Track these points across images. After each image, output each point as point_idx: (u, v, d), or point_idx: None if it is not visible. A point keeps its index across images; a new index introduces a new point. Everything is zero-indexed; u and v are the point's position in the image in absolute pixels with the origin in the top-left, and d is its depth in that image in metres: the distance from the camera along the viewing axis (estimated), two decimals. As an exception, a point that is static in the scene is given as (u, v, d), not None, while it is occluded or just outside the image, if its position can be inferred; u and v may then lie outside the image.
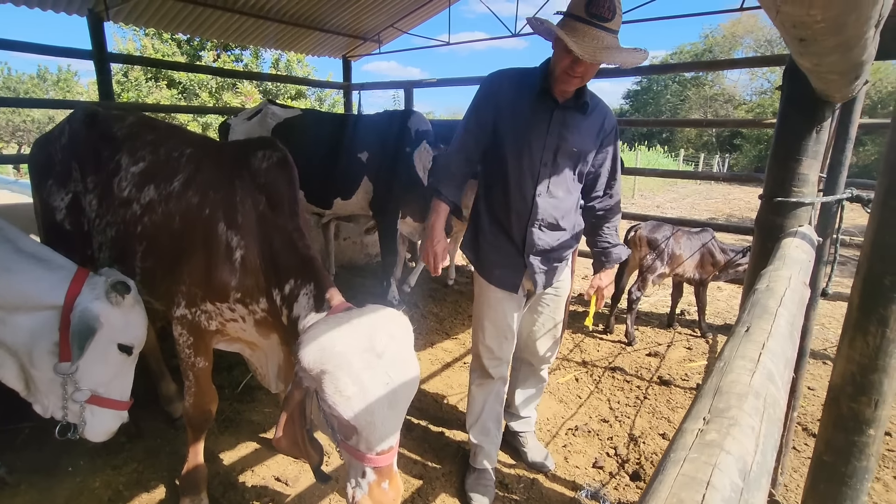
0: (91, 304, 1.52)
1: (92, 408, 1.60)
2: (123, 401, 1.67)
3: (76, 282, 1.56)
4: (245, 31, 5.89)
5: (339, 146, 3.83)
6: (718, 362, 0.65)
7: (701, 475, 0.41)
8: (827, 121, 1.43)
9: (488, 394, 2.09)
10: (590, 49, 1.51)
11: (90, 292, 1.55)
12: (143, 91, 14.27)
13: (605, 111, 1.87)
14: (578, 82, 1.67)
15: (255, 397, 2.75)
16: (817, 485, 1.25)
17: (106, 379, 1.60)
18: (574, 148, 1.79)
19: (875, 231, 1.06)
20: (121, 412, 1.67)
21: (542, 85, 1.74)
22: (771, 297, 0.90)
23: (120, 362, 1.62)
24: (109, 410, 1.63)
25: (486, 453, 2.11)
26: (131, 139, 2.00)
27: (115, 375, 1.62)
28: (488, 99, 1.83)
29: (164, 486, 2.08)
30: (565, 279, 2.06)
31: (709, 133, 31.27)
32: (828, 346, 3.68)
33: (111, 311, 1.54)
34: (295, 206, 1.70)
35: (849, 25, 0.61)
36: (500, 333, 1.99)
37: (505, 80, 1.83)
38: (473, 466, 2.14)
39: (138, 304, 1.64)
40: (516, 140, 1.79)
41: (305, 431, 1.37)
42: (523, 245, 1.87)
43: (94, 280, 1.59)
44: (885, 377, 1.10)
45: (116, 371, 1.62)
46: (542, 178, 1.81)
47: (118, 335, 1.58)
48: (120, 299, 1.55)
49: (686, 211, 11.93)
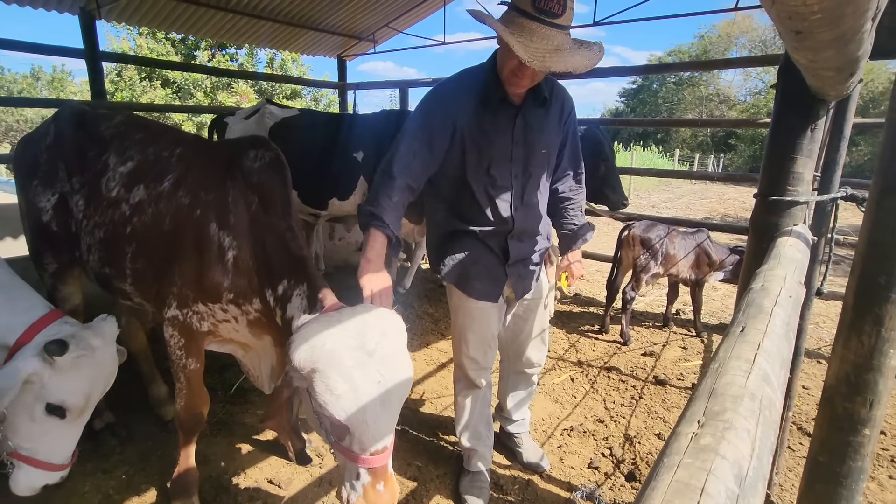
0: (23, 358, 1.42)
1: (17, 462, 1.49)
2: (54, 463, 1.52)
3: (36, 326, 1.49)
4: (239, 30, 5.86)
5: (336, 146, 3.80)
6: (713, 363, 0.63)
7: (695, 481, 0.39)
8: (821, 119, 1.43)
9: (475, 400, 2.05)
10: (539, 53, 1.38)
11: (36, 345, 1.44)
12: (136, 90, 14.19)
13: (563, 95, 1.78)
14: (528, 83, 1.57)
15: (247, 399, 2.72)
16: (812, 485, 1.24)
17: (30, 438, 1.47)
18: (543, 150, 1.74)
19: (870, 230, 1.06)
20: (48, 473, 1.52)
21: (497, 94, 1.62)
22: (766, 297, 0.89)
23: (50, 424, 1.48)
24: (31, 469, 1.50)
25: (479, 455, 2.09)
26: (119, 138, 1.97)
27: (42, 436, 1.48)
28: (442, 119, 1.64)
29: (156, 490, 2.06)
30: (542, 280, 2.04)
31: (704, 133, 31.40)
32: (822, 345, 3.69)
33: (42, 369, 1.42)
34: (288, 207, 1.68)
35: (846, 17, 0.60)
36: (484, 344, 1.96)
37: (453, 95, 1.65)
38: (467, 469, 2.12)
39: (80, 367, 1.48)
40: (481, 160, 1.68)
41: (291, 426, 1.35)
42: (505, 255, 1.83)
43: (54, 329, 1.49)
44: (880, 377, 1.09)
45: (44, 432, 1.48)
46: (515, 191, 1.74)
47: (46, 395, 1.44)
48: (50, 360, 1.42)
49: (681, 211, 11.97)
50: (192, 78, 14.60)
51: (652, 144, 28.47)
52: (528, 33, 1.40)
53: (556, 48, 1.40)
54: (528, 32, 1.40)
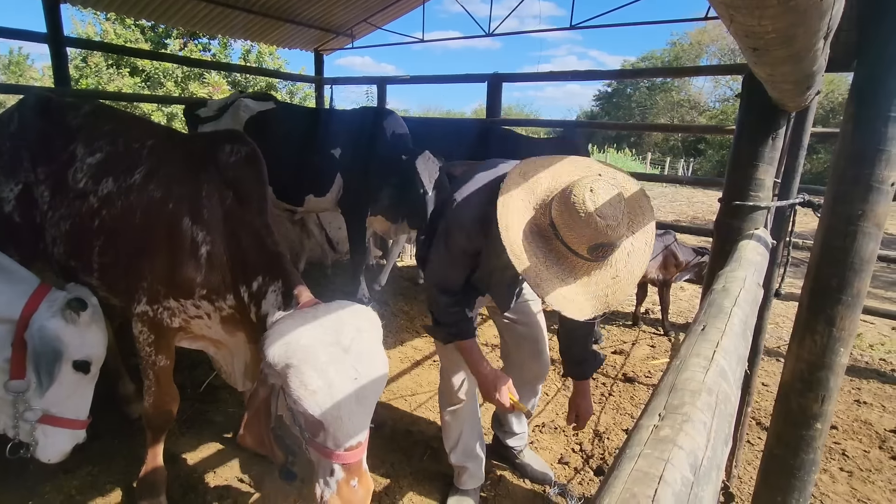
0: (47, 322, 1.48)
1: (44, 427, 1.53)
2: (79, 419, 1.60)
3: (35, 297, 1.52)
4: (212, 19, 5.73)
5: (313, 142, 3.76)
6: (675, 360, 0.67)
7: (654, 470, 0.42)
8: (782, 128, 1.50)
9: (464, 420, 1.96)
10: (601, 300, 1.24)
11: (47, 309, 1.50)
12: (103, 78, 13.64)
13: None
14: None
15: (218, 397, 2.68)
16: (768, 477, 1.30)
17: (60, 398, 1.54)
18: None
19: (823, 235, 1.12)
20: (76, 432, 1.61)
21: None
22: (726, 298, 0.93)
23: (75, 381, 1.56)
24: (63, 430, 1.57)
25: (471, 474, 2.01)
26: (87, 128, 1.91)
27: (70, 394, 1.56)
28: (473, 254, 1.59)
29: (121, 490, 2.01)
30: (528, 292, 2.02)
31: (675, 138, 32.20)
32: (781, 345, 3.85)
33: (65, 329, 1.50)
34: (263, 202, 1.66)
35: (798, 37, 0.64)
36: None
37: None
38: (457, 487, 2.03)
39: (96, 321, 1.59)
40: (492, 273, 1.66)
41: (271, 430, 1.34)
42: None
43: (53, 296, 1.54)
44: (831, 374, 1.16)
45: (71, 390, 1.56)
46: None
47: (73, 353, 1.53)
48: (75, 317, 1.51)
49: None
50: (163, 67, 14.13)
51: (625, 147, 29.06)
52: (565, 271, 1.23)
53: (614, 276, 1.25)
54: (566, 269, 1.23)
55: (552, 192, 1.28)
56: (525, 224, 1.27)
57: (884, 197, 1.05)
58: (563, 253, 1.23)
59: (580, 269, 1.24)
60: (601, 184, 1.19)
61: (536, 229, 1.27)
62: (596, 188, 1.17)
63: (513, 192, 1.29)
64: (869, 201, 1.04)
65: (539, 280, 1.21)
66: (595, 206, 1.14)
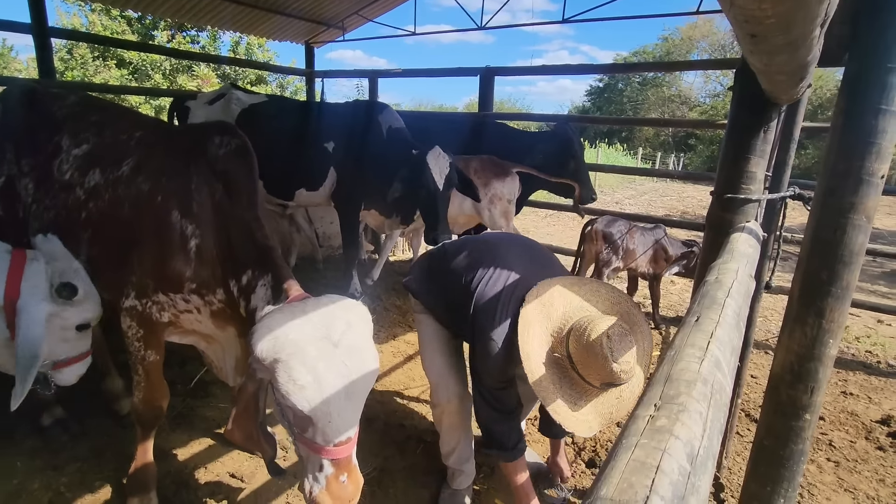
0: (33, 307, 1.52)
1: (57, 371, 1.68)
2: (84, 353, 1.73)
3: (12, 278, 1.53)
4: (200, 10, 5.64)
5: (306, 135, 3.72)
6: (669, 351, 0.67)
7: (651, 460, 0.42)
8: (773, 122, 1.50)
9: (461, 422, 1.97)
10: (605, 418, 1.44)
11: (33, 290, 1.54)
12: (89, 70, 13.41)
13: None
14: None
15: (209, 392, 2.66)
16: (758, 467, 1.32)
17: (67, 350, 1.67)
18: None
19: (814, 228, 1.13)
20: (86, 360, 1.76)
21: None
22: (720, 289, 0.94)
23: (79, 336, 1.69)
24: (73, 364, 1.71)
25: (465, 473, 2.03)
26: (73, 119, 1.88)
27: (75, 344, 1.69)
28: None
29: (111, 487, 1.99)
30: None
31: (666, 133, 32.37)
32: (770, 337, 3.90)
33: (62, 308, 1.57)
34: (253, 196, 1.64)
35: (797, 23, 0.64)
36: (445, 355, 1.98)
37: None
38: (449, 485, 2.05)
39: (89, 293, 1.65)
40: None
41: (259, 424, 1.33)
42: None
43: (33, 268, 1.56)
44: (821, 366, 1.17)
45: (76, 342, 1.69)
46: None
47: (75, 320, 1.63)
48: (67, 301, 1.58)
49: (643, 207, 12.33)
50: (151, 59, 13.91)
51: (617, 142, 29.15)
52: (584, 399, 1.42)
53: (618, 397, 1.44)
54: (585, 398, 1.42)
55: (567, 319, 1.47)
56: (544, 351, 1.46)
57: (874, 190, 1.05)
58: (576, 380, 1.41)
59: (591, 394, 1.42)
60: (617, 329, 1.35)
61: (554, 358, 1.45)
62: (613, 335, 1.33)
63: (531, 315, 1.48)
64: (859, 194, 1.05)
65: (556, 407, 1.39)
66: (612, 353, 1.32)
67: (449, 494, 2.04)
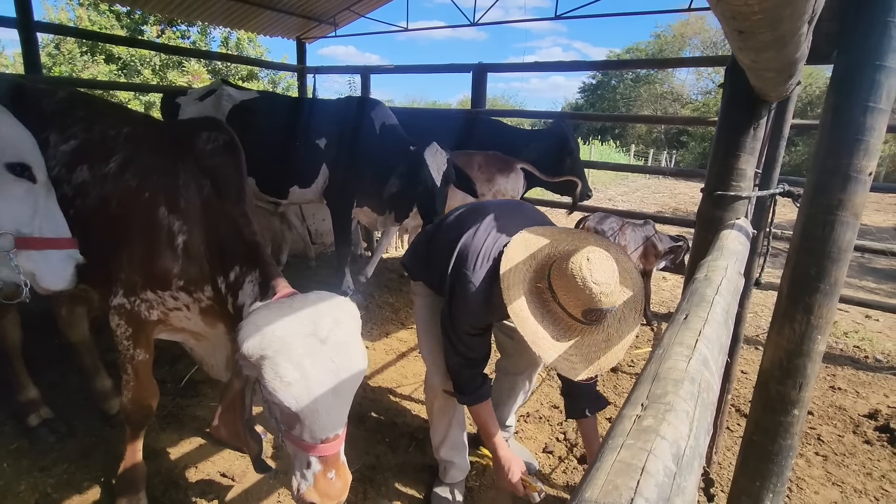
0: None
1: (28, 254, 1.38)
2: (62, 238, 1.46)
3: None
4: (190, 5, 5.57)
5: (298, 132, 3.69)
6: (658, 349, 0.67)
7: (636, 461, 0.41)
8: (763, 119, 1.51)
9: (452, 411, 1.97)
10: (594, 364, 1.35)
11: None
12: (77, 65, 13.22)
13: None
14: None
15: (199, 391, 2.64)
16: (747, 462, 1.33)
17: (21, 216, 1.38)
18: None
19: (803, 225, 1.13)
20: (68, 251, 1.46)
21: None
22: (709, 286, 0.94)
23: (25, 191, 1.40)
24: (52, 252, 1.43)
25: (457, 466, 2.03)
26: (61, 115, 1.85)
27: (30, 209, 1.41)
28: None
29: (99, 487, 1.97)
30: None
31: (658, 130, 32.51)
32: (760, 333, 3.93)
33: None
34: (241, 191, 1.63)
35: (784, 19, 0.63)
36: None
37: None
38: (442, 480, 2.05)
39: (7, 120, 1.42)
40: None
41: (245, 421, 1.32)
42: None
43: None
44: (809, 361, 1.18)
45: (28, 203, 1.41)
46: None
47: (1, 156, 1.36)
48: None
49: (636, 204, 12.38)
50: (140, 54, 13.73)
51: (610, 139, 29.22)
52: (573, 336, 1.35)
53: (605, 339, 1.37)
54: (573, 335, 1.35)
55: (552, 258, 1.41)
56: (526, 282, 1.39)
57: (861, 187, 1.06)
58: (559, 314, 1.34)
59: (574, 330, 1.35)
60: (597, 254, 1.30)
61: (536, 290, 1.39)
62: (592, 258, 1.29)
63: (515, 256, 1.42)
64: (847, 191, 1.05)
65: (535, 337, 1.32)
66: (591, 273, 1.26)
67: (441, 490, 2.03)
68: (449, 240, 1.76)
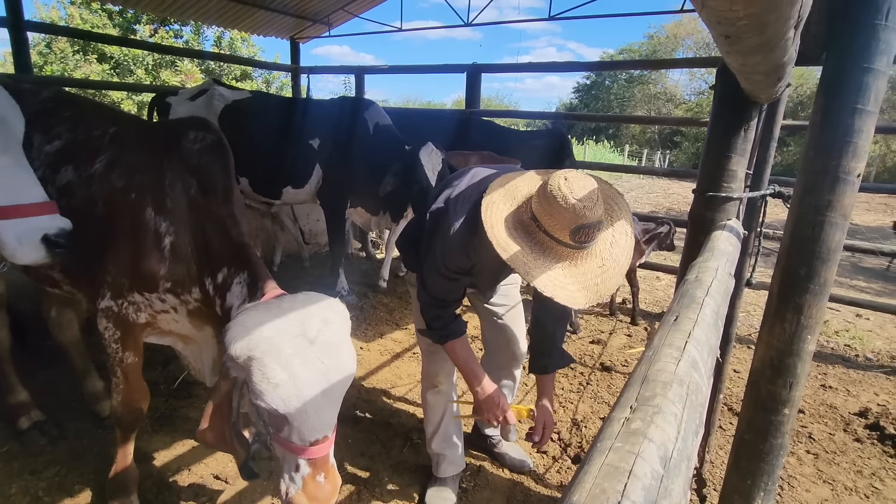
0: None
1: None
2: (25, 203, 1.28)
3: None
4: (183, 4, 5.54)
5: (291, 132, 3.68)
6: (648, 351, 0.67)
7: (624, 464, 0.42)
8: (754, 120, 1.52)
9: (446, 402, 1.99)
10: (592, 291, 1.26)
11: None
12: (69, 64, 13.10)
13: None
14: None
15: (192, 393, 2.62)
16: (739, 461, 1.34)
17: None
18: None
19: (793, 225, 1.14)
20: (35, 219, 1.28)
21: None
22: (699, 288, 0.94)
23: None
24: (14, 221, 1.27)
25: (449, 461, 2.02)
26: (45, 115, 1.83)
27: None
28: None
29: (91, 490, 1.95)
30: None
31: (652, 130, 32.64)
32: (752, 332, 3.96)
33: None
34: (229, 192, 1.62)
35: (770, 24, 0.64)
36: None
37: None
38: (436, 476, 2.04)
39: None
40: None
41: (232, 425, 1.30)
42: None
43: None
44: (799, 361, 1.19)
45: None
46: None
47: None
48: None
49: (630, 204, 12.43)
50: (133, 54, 13.61)
51: (604, 139, 29.33)
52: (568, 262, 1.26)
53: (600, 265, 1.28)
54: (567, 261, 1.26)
55: (531, 193, 1.34)
56: (508, 219, 1.32)
57: (850, 188, 1.06)
58: (547, 243, 1.26)
59: (565, 256, 1.27)
60: (574, 173, 1.25)
61: (520, 224, 1.31)
62: (570, 177, 1.23)
63: (495, 195, 1.35)
64: (836, 192, 1.06)
65: (527, 268, 1.24)
66: (571, 190, 1.19)
67: (435, 487, 2.03)
68: (432, 197, 1.74)
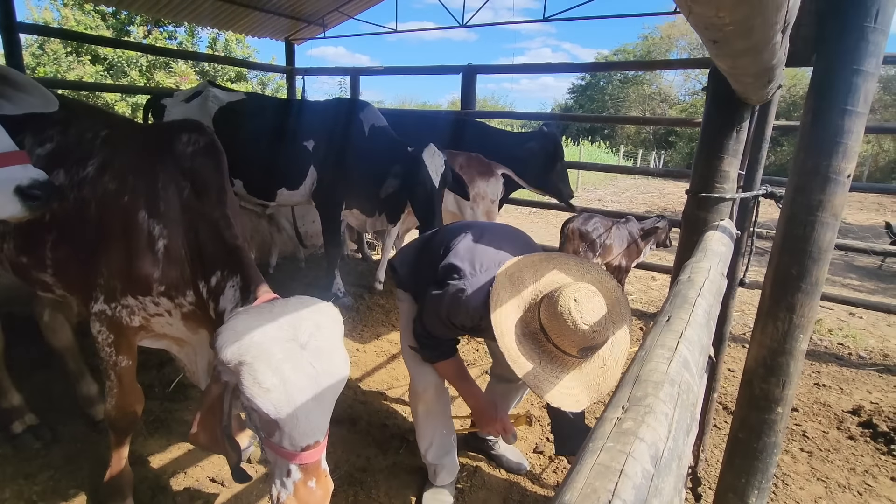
0: None
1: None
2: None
3: None
4: (177, 5, 5.52)
5: (285, 134, 3.67)
6: (640, 351, 0.67)
7: (615, 464, 0.42)
8: (746, 121, 1.53)
9: (437, 417, 1.97)
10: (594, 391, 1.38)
11: None
12: (62, 66, 13.01)
13: None
14: None
15: (188, 396, 2.61)
16: (733, 459, 1.34)
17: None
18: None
19: (784, 225, 1.15)
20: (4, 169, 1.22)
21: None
22: (691, 288, 0.95)
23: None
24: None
25: (446, 469, 2.02)
26: (36, 118, 1.82)
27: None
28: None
29: (85, 494, 1.94)
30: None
31: (646, 130, 32.77)
32: (747, 331, 3.98)
33: None
34: (223, 194, 1.61)
35: (756, 29, 0.65)
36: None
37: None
38: (432, 483, 2.03)
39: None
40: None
41: (223, 428, 1.29)
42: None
43: None
44: (792, 359, 1.19)
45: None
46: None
47: None
48: None
49: (625, 204, 12.48)
50: (127, 55, 13.54)
51: (599, 140, 29.39)
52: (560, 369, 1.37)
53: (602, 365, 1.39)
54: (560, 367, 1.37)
55: (537, 293, 1.43)
56: (518, 326, 1.41)
57: (840, 188, 1.07)
58: (555, 353, 1.37)
59: (571, 365, 1.37)
60: (583, 292, 1.32)
61: (528, 333, 1.40)
62: (580, 297, 1.30)
63: (503, 296, 1.43)
64: (827, 192, 1.07)
65: (538, 382, 1.34)
66: (581, 315, 1.28)
67: (432, 492, 2.03)
68: (447, 241, 1.80)
